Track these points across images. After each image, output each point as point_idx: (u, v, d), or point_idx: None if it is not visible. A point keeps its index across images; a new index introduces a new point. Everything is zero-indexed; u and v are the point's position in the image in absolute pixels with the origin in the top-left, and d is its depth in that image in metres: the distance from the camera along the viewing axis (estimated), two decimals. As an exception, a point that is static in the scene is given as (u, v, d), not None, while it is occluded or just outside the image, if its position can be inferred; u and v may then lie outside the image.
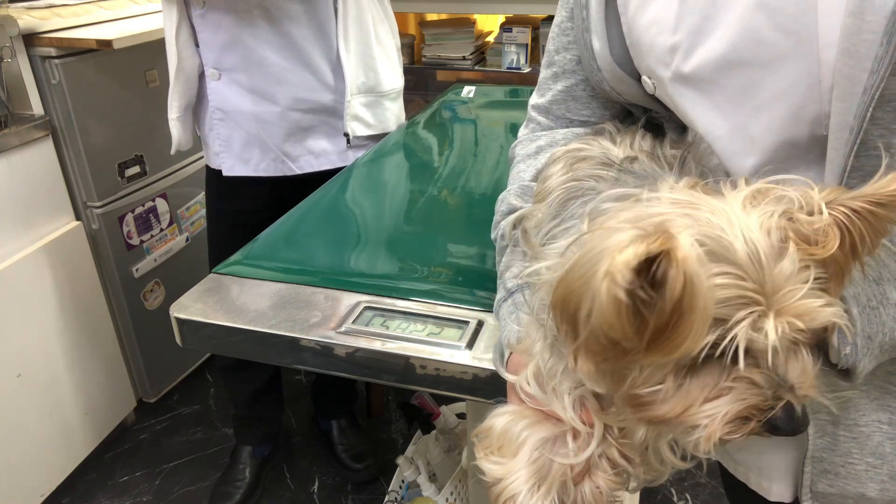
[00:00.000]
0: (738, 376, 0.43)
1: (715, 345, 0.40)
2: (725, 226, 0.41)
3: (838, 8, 0.48)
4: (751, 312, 0.40)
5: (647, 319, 0.38)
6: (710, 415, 0.43)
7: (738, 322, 0.40)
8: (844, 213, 0.42)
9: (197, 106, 1.56)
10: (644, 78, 0.64)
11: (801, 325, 0.41)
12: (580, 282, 0.39)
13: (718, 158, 0.59)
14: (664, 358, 0.40)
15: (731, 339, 0.40)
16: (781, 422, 0.43)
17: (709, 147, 0.60)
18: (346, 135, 1.52)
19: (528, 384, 0.56)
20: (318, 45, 1.45)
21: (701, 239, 0.40)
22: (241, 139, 1.52)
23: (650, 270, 0.36)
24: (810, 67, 0.51)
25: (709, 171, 0.59)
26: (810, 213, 0.43)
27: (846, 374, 0.51)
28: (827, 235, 0.42)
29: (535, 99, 0.77)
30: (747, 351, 0.41)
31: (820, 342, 0.51)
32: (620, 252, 0.36)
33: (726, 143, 0.58)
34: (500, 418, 0.57)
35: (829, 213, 0.42)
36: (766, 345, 0.41)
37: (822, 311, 0.41)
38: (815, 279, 0.42)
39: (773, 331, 0.40)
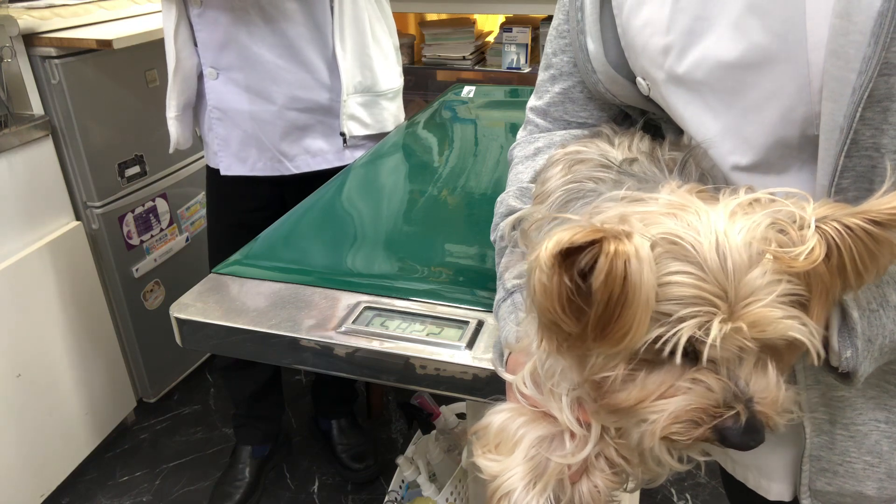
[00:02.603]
0: (696, 378, 0.43)
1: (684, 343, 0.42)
2: (702, 229, 0.42)
3: (826, 9, 0.48)
4: (701, 312, 0.41)
5: (586, 308, 0.40)
6: (660, 410, 0.44)
7: (683, 319, 0.41)
8: (836, 229, 0.42)
9: (196, 105, 1.57)
10: (639, 79, 0.64)
11: (747, 331, 0.41)
12: (529, 268, 0.42)
13: (711, 159, 0.60)
14: (611, 347, 0.42)
15: (675, 335, 0.41)
16: (729, 432, 0.43)
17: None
18: (343, 134, 1.52)
19: (525, 385, 0.56)
20: (314, 44, 1.45)
21: (669, 238, 0.41)
22: (238, 138, 1.52)
23: (582, 261, 0.39)
24: (800, 69, 0.51)
25: (708, 174, 0.59)
26: (801, 227, 0.43)
27: (846, 377, 0.52)
28: (811, 250, 0.42)
29: (532, 101, 0.77)
30: (711, 356, 0.42)
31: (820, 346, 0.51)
32: (551, 241, 0.38)
33: (719, 144, 0.58)
34: (498, 416, 0.57)
35: (819, 228, 0.42)
36: (718, 349, 0.41)
37: (779, 322, 0.41)
38: (790, 294, 0.41)
39: (715, 330, 0.40)
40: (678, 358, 0.42)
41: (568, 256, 0.39)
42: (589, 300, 0.40)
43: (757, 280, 0.41)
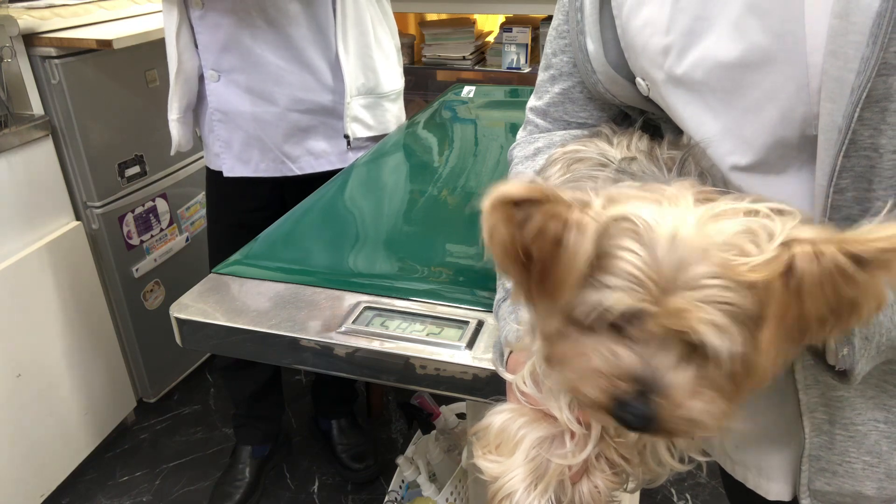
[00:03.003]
0: (613, 349, 0.45)
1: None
2: (669, 220, 0.42)
3: (824, 10, 0.48)
4: (630, 288, 0.42)
5: (524, 259, 0.44)
6: (575, 367, 0.46)
7: (612, 291, 0.42)
8: (806, 252, 0.40)
9: (197, 107, 1.57)
10: (638, 79, 0.64)
11: (661, 318, 0.42)
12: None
13: (710, 158, 0.60)
14: (548, 302, 0.45)
15: (599, 303, 0.43)
16: (622, 405, 0.44)
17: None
18: (347, 136, 1.52)
19: (525, 384, 0.56)
20: (316, 46, 1.45)
21: (631, 218, 0.43)
22: (240, 140, 1.52)
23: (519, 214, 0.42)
24: (799, 69, 0.51)
25: (707, 173, 0.59)
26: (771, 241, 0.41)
27: (843, 375, 0.51)
28: (760, 264, 0.41)
29: (532, 101, 0.77)
30: (631, 333, 0.44)
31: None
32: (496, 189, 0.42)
33: (718, 144, 0.58)
34: (498, 416, 0.57)
35: (785, 246, 0.40)
36: (634, 328, 0.43)
37: (693, 319, 0.41)
38: (729, 303, 0.41)
39: (626, 304, 0.42)
40: (605, 326, 0.44)
41: (514, 207, 0.43)
42: (529, 253, 0.43)
43: (696, 277, 0.41)
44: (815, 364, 0.55)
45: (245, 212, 1.63)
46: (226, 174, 1.56)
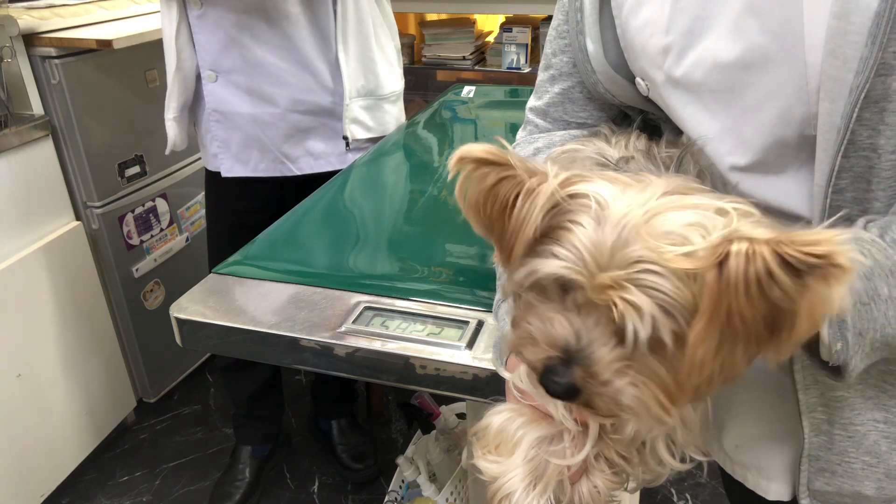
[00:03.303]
0: (552, 316, 0.46)
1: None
2: (626, 202, 0.44)
3: (823, 10, 0.48)
4: (571, 259, 0.44)
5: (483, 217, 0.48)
6: (522, 333, 0.48)
7: (555, 259, 0.45)
8: (740, 249, 0.39)
9: (194, 107, 1.56)
10: (638, 80, 0.64)
11: (588, 289, 0.44)
12: None
13: (708, 157, 0.60)
14: (509, 261, 0.48)
15: (540, 269, 0.46)
16: (546, 369, 0.46)
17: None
18: (345, 138, 1.52)
19: (521, 381, 0.56)
20: (317, 47, 1.45)
21: (586, 195, 0.45)
22: (239, 140, 1.52)
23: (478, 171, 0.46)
24: (797, 69, 0.51)
25: (706, 171, 0.59)
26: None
27: (838, 373, 0.51)
28: (685, 254, 0.41)
29: (532, 101, 0.77)
30: (568, 302, 0.46)
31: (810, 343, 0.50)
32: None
33: (717, 144, 0.58)
34: (497, 417, 0.57)
35: (724, 241, 0.40)
36: (568, 296, 0.46)
37: (614, 296, 0.42)
38: (659, 290, 0.41)
39: (551, 272, 0.45)
40: (558, 296, 0.46)
41: (478, 167, 0.46)
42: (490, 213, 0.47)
43: (629, 258, 0.42)
44: (811, 363, 0.55)
45: (244, 212, 1.63)
46: (224, 174, 1.56)
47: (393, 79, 1.59)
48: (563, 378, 0.45)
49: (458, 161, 0.46)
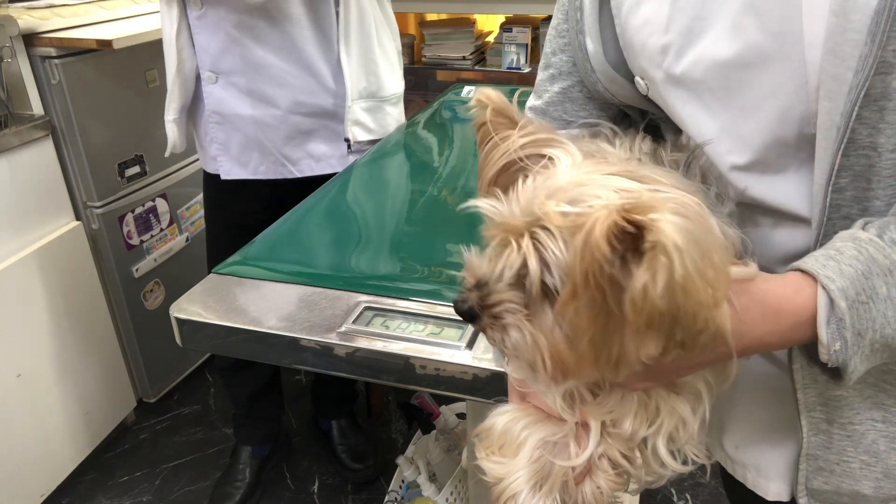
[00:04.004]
0: (486, 252, 0.52)
1: None
2: (570, 169, 0.49)
3: (822, 8, 0.48)
4: (502, 199, 0.49)
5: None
6: (468, 258, 0.53)
7: (491, 198, 0.50)
8: (598, 214, 0.40)
9: (193, 109, 1.55)
10: (637, 79, 0.64)
11: (496, 228, 0.49)
12: None
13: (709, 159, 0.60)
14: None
15: (473, 204, 0.52)
16: (458, 296, 0.52)
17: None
18: (347, 140, 1.51)
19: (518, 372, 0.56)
20: (319, 48, 1.44)
21: (555, 160, 0.51)
22: (238, 142, 1.51)
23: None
24: (797, 67, 0.51)
25: (712, 176, 0.59)
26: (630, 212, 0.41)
27: (838, 376, 0.51)
28: (556, 213, 0.44)
29: (531, 101, 0.77)
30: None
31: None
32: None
33: (716, 143, 0.58)
34: (501, 417, 0.57)
35: (595, 210, 0.42)
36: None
37: (510, 242, 0.47)
38: (540, 242, 0.45)
39: (482, 204, 0.50)
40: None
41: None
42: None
43: (537, 213, 0.46)
44: (810, 365, 0.55)
45: (243, 214, 1.62)
46: (223, 177, 1.55)
47: (394, 80, 1.59)
48: (463, 299, 0.51)
49: (475, 101, 0.55)
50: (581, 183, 0.46)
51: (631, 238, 0.39)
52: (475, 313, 0.51)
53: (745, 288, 0.49)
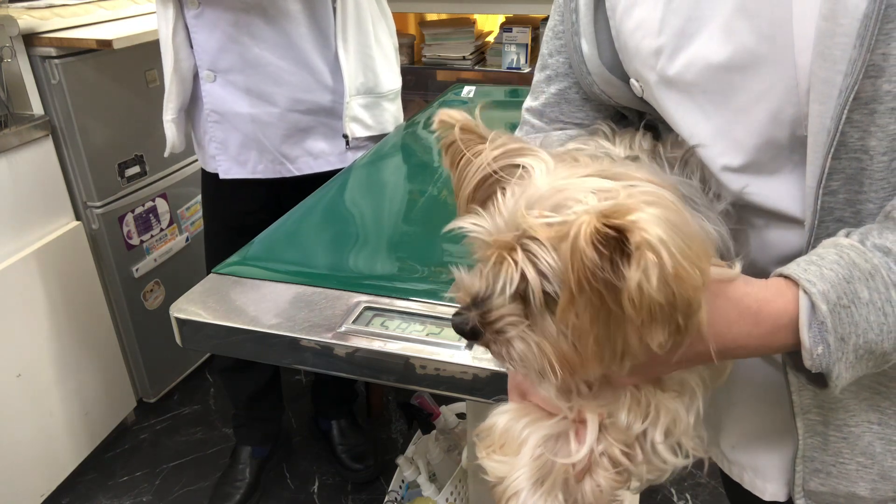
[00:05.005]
0: (479, 269, 0.51)
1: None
2: (549, 177, 0.49)
3: (812, 11, 0.48)
4: (482, 221, 0.50)
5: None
6: (459, 275, 0.54)
7: (473, 216, 0.51)
8: (582, 220, 0.41)
9: (191, 108, 1.55)
10: (632, 81, 0.64)
11: (488, 247, 0.48)
12: None
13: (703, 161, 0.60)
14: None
15: (459, 226, 0.52)
16: (456, 313, 0.52)
17: None
18: (346, 136, 1.51)
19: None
20: (316, 45, 1.44)
21: (529, 170, 0.50)
22: (237, 141, 1.51)
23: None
24: (787, 70, 0.51)
25: (709, 175, 0.59)
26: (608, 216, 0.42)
27: (822, 382, 0.50)
28: (549, 226, 0.44)
29: (529, 102, 0.77)
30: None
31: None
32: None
33: (710, 145, 0.58)
34: (502, 417, 0.57)
35: (577, 217, 0.42)
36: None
37: (503, 258, 0.47)
38: (531, 252, 0.45)
39: (466, 225, 0.50)
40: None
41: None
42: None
43: (518, 224, 0.46)
44: (795, 373, 0.55)
45: (242, 213, 1.62)
46: (222, 176, 1.55)
47: (391, 76, 1.59)
48: (464, 320, 0.51)
49: (437, 122, 0.55)
50: (559, 189, 0.46)
51: (615, 241, 0.40)
52: (478, 331, 0.51)
53: (722, 289, 0.49)
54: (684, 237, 0.41)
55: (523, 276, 0.46)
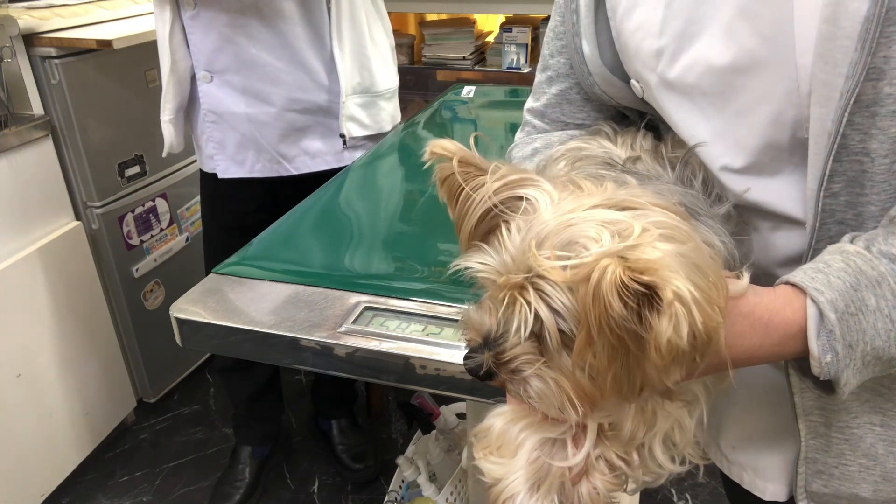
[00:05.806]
0: (487, 306, 0.50)
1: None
2: (555, 210, 0.47)
3: (813, 14, 0.48)
4: (492, 255, 0.48)
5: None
6: (468, 312, 0.53)
7: (478, 254, 0.49)
8: (603, 265, 0.40)
9: (189, 108, 1.56)
10: (633, 82, 0.64)
11: (497, 288, 0.47)
12: None
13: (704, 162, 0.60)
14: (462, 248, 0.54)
15: (461, 266, 0.51)
16: (466, 354, 0.51)
17: None
18: (342, 136, 1.51)
19: None
20: (311, 45, 1.44)
21: (533, 202, 0.49)
22: (234, 141, 1.51)
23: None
24: (788, 73, 0.51)
25: (711, 176, 0.59)
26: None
27: (829, 387, 0.51)
28: (554, 268, 0.43)
29: (530, 103, 0.77)
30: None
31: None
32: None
33: (710, 147, 0.58)
34: (499, 418, 0.57)
35: (594, 260, 0.41)
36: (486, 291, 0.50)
37: (515, 297, 0.46)
38: (544, 293, 0.44)
39: (471, 264, 0.49)
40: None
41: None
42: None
43: (529, 265, 0.45)
44: (802, 381, 0.55)
45: (240, 213, 1.62)
46: (220, 176, 1.55)
47: (388, 75, 1.59)
48: (476, 360, 0.50)
49: (429, 154, 0.53)
50: (567, 223, 0.45)
51: (641, 293, 0.40)
52: (493, 373, 0.50)
53: (732, 304, 0.49)
54: (702, 274, 0.41)
55: (537, 316, 0.45)
